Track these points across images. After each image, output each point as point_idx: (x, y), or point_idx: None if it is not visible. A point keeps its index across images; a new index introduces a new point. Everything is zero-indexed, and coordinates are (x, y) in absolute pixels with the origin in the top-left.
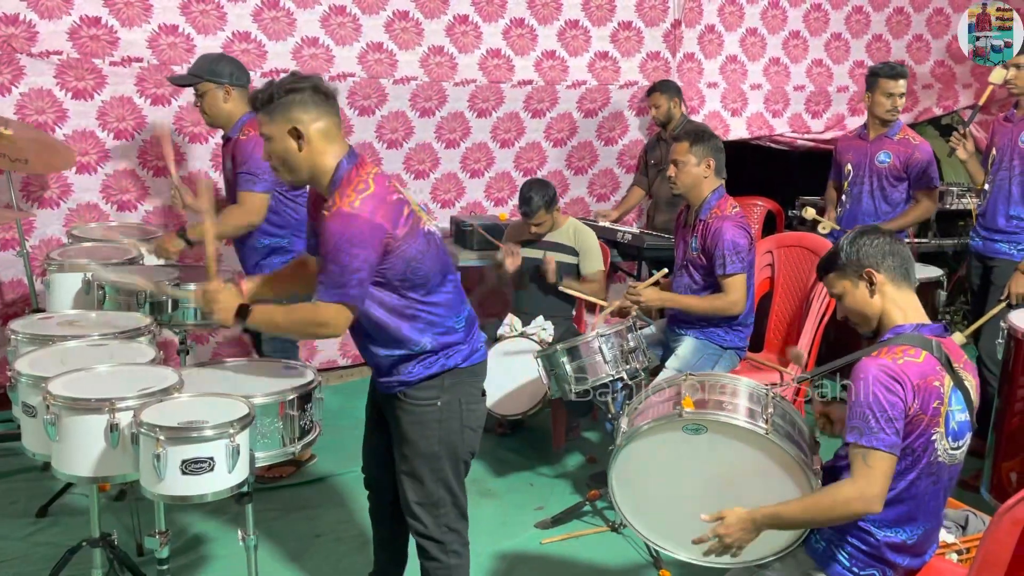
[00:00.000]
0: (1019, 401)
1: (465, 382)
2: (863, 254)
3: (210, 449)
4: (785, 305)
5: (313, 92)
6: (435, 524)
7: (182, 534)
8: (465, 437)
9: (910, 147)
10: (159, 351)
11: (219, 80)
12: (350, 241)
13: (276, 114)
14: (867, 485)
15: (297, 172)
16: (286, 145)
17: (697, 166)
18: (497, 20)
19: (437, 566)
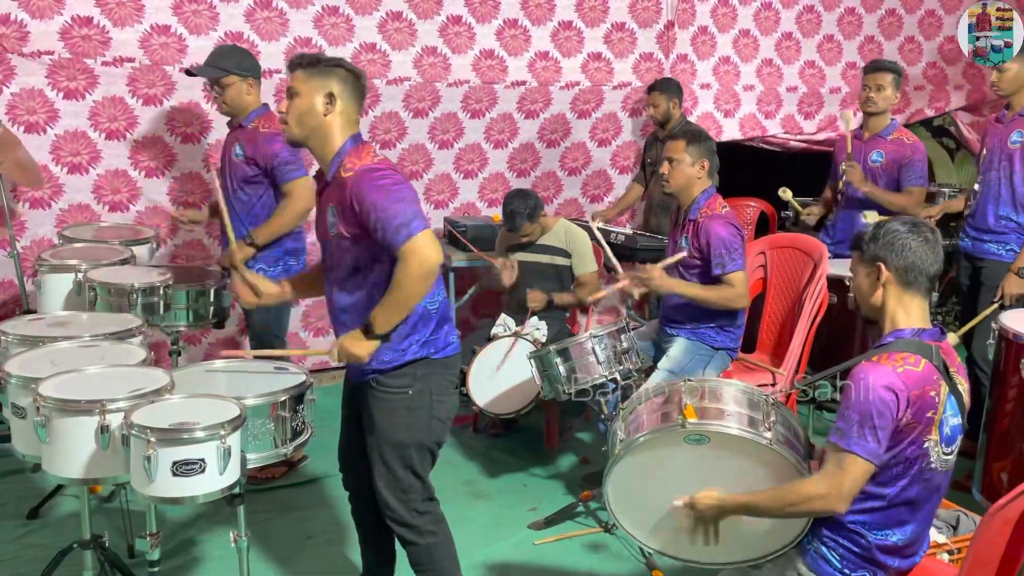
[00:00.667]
0: (1010, 402)
1: (437, 373)
2: (882, 245)
3: (201, 451)
4: (777, 306)
5: (355, 79)
6: (405, 509)
7: (174, 535)
8: (432, 427)
9: (904, 146)
10: (150, 352)
11: (245, 73)
12: (392, 180)
13: (318, 76)
14: (835, 486)
15: (305, 129)
16: (313, 103)
17: (691, 166)
18: (491, 21)
19: (416, 549)
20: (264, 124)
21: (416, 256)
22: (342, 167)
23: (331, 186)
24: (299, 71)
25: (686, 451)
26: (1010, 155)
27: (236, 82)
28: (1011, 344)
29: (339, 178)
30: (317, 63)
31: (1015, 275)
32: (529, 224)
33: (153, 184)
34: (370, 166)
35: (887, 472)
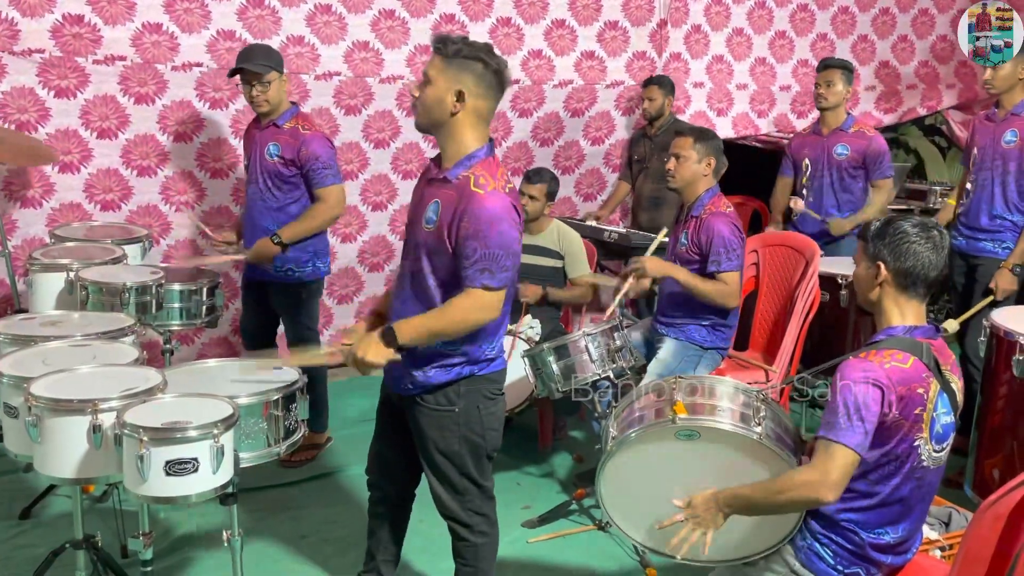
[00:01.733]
0: (1001, 399)
1: (481, 389)
2: (886, 244)
3: (194, 450)
4: (770, 304)
5: (495, 74)
6: (461, 509)
7: (167, 535)
8: (487, 438)
9: (865, 139)
10: (143, 351)
11: (282, 70)
12: (509, 224)
13: (454, 68)
14: (824, 473)
15: (430, 120)
16: (443, 97)
17: (698, 163)
18: (484, 19)
19: (464, 545)
20: (303, 124)
21: (477, 305)
22: (473, 178)
23: (447, 184)
24: (438, 58)
25: (677, 447)
26: (1004, 155)
27: (277, 79)
28: (1002, 341)
29: (464, 186)
30: (458, 53)
31: (1008, 271)
32: (546, 187)
33: (144, 184)
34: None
35: (879, 471)
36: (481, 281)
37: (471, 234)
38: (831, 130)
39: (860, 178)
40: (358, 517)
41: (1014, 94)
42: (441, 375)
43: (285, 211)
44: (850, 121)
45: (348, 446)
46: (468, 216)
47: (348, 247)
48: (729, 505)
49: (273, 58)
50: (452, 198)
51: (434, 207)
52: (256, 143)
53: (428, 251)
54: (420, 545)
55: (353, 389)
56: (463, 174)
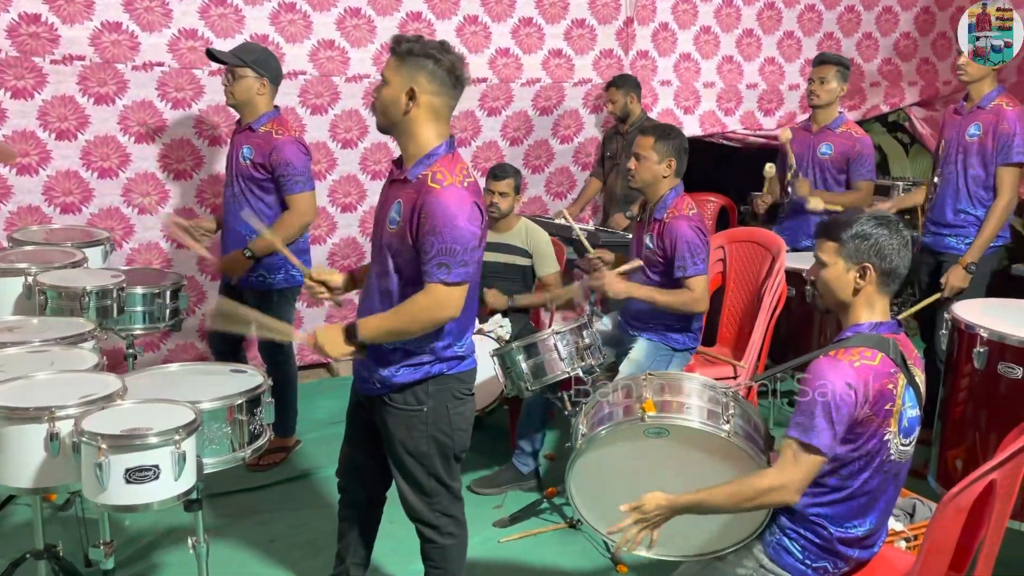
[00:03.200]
0: (963, 391)
1: (451, 388)
2: (871, 245)
3: (155, 457)
4: (737, 299)
5: (448, 71)
6: (429, 510)
7: (132, 542)
8: (455, 438)
9: (851, 139)
10: (103, 357)
11: (261, 72)
12: (469, 217)
13: (406, 67)
14: (789, 477)
15: (387, 120)
16: (397, 98)
17: (658, 164)
18: (450, 17)
19: (432, 547)
20: (277, 129)
21: (435, 301)
22: (431, 175)
23: (408, 184)
24: (392, 58)
25: (647, 445)
26: (966, 148)
27: (249, 77)
28: (963, 334)
29: (422, 184)
30: (409, 52)
31: (962, 268)
32: (512, 182)
33: (106, 185)
34: (458, 188)
35: (849, 467)
36: (438, 276)
37: (428, 230)
38: (820, 127)
39: (843, 179)
40: (327, 520)
41: (983, 85)
42: (409, 374)
43: (260, 215)
44: (840, 120)
45: (317, 449)
46: (425, 212)
47: (317, 249)
48: (687, 511)
49: (253, 55)
50: (412, 197)
51: (396, 208)
52: (234, 146)
53: (393, 252)
54: (389, 547)
55: (322, 391)
56: (422, 173)
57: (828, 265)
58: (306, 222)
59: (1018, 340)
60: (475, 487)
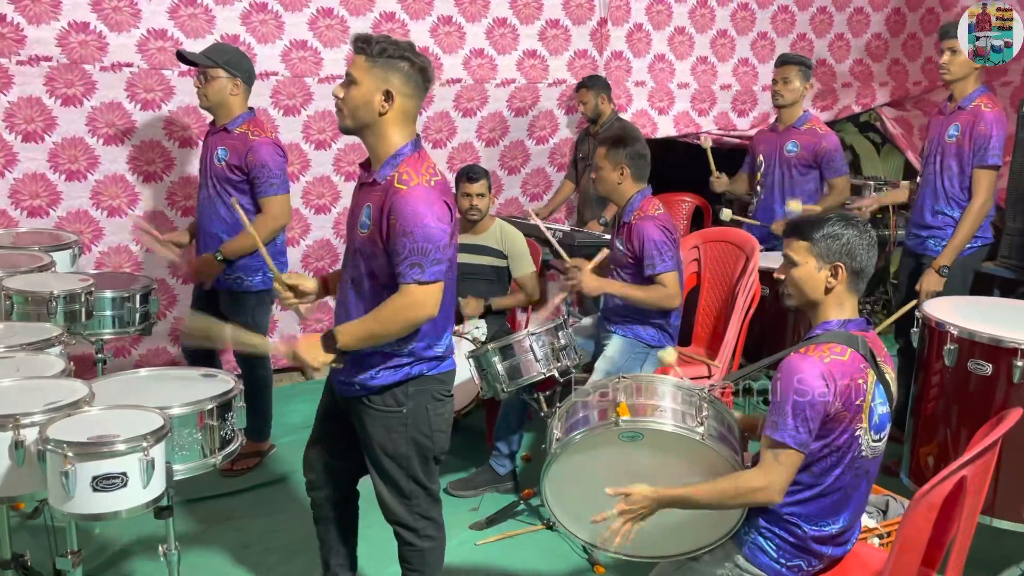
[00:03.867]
0: (934, 388)
1: (430, 389)
2: (842, 245)
3: (123, 464)
4: (712, 299)
5: (420, 72)
6: (407, 513)
7: (102, 551)
8: (435, 439)
9: (816, 136)
10: (70, 363)
11: (234, 72)
12: (439, 216)
13: (379, 67)
14: (772, 478)
15: (357, 122)
16: (371, 98)
17: (612, 172)
18: (424, 18)
19: (410, 549)
20: (253, 130)
21: (411, 302)
22: (397, 175)
23: (376, 187)
24: (362, 58)
25: (621, 448)
26: (945, 149)
27: (222, 78)
28: (934, 331)
29: (389, 186)
30: (382, 52)
31: (935, 272)
32: (486, 183)
33: (75, 188)
34: (425, 187)
35: (821, 463)
36: (412, 277)
37: (398, 231)
38: (785, 127)
39: (811, 178)
40: (302, 525)
41: (966, 84)
42: (389, 376)
43: (235, 217)
44: (804, 118)
45: (291, 453)
46: (394, 213)
47: (291, 251)
48: (672, 505)
49: (225, 56)
50: (380, 199)
51: (367, 211)
52: (208, 147)
53: (365, 256)
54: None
55: (296, 395)
56: (389, 174)
57: (799, 264)
58: (280, 225)
59: (987, 337)
60: (451, 489)
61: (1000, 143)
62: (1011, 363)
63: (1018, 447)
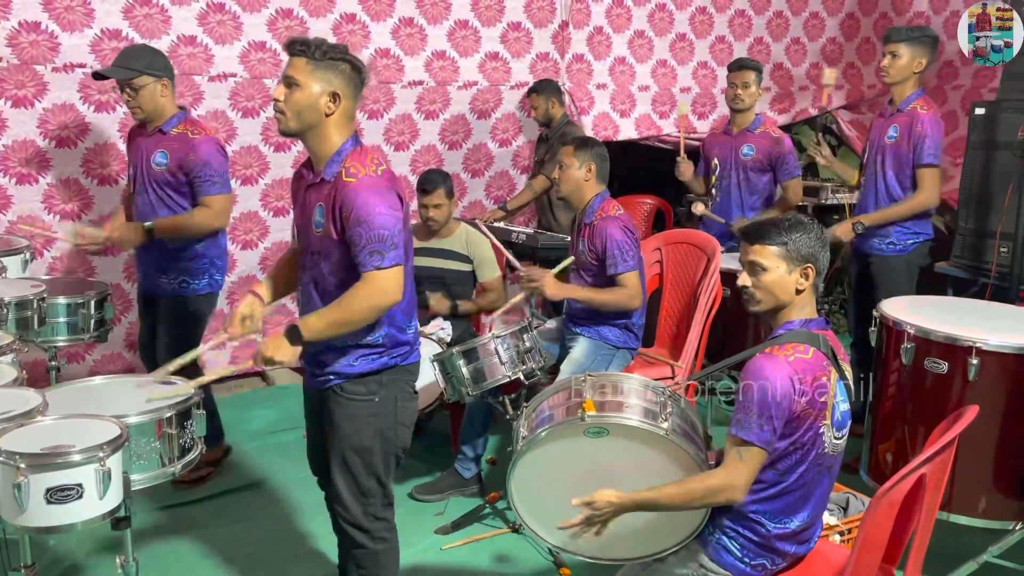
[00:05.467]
0: (891, 386)
1: (401, 379)
2: (811, 246)
3: (78, 475)
4: (674, 300)
5: (358, 73)
6: (363, 513)
7: (57, 564)
8: (399, 433)
9: (770, 139)
10: (23, 371)
11: (158, 73)
12: (389, 203)
13: (324, 71)
14: (735, 476)
15: (302, 124)
16: (316, 101)
17: (579, 169)
18: (385, 19)
19: (364, 553)
20: (192, 129)
21: (375, 288)
22: (344, 170)
23: (323, 184)
24: (303, 60)
25: (587, 444)
26: (884, 150)
27: (150, 83)
28: (891, 331)
29: (338, 181)
30: (324, 55)
31: (850, 224)
32: (444, 194)
33: (25, 192)
34: (372, 177)
35: (786, 460)
36: (373, 264)
37: (353, 222)
38: (740, 130)
39: (766, 180)
40: (265, 534)
41: (905, 87)
42: (365, 364)
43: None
44: (758, 122)
45: (253, 460)
46: (346, 206)
47: (249, 254)
48: (637, 508)
49: (143, 60)
50: (330, 195)
51: (319, 211)
52: (142, 151)
53: (324, 255)
54: None
55: (257, 401)
56: (336, 170)
57: (769, 269)
58: (218, 225)
59: (943, 336)
60: (416, 493)
61: (936, 143)
62: (966, 361)
63: (974, 444)
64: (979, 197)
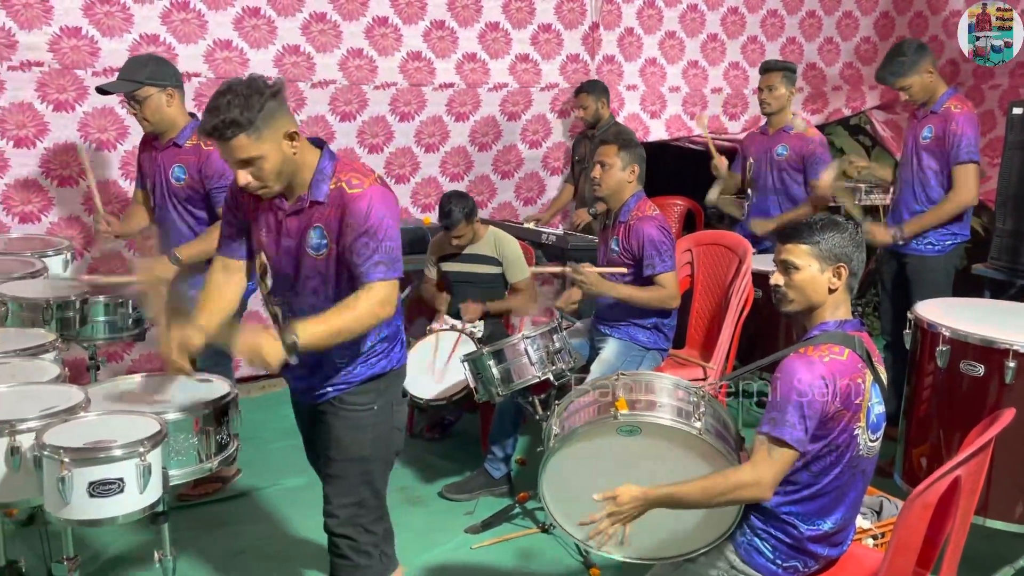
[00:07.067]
0: (926, 389)
1: (395, 384)
2: (843, 246)
3: (119, 469)
4: (705, 302)
5: (276, 95)
6: (352, 523)
7: (96, 558)
8: (394, 438)
9: (804, 139)
10: (65, 368)
11: (162, 83)
12: (391, 215)
13: (265, 129)
14: (763, 473)
15: (285, 177)
16: (283, 153)
17: (623, 171)
18: (417, 22)
19: (346, 564)
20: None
21: (380, 298)
22: (344, 183)
23: (316, 207)
24: (242, 136)
25: (619, 443)
26: (920, 150)
27: (154, 94)
28: (926, 333)
29: (339, 195)
30: (251, 121)
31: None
32: (465, 224)
33: (66, 194)
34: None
35: (820, 462)
36: (379, 275)
37: (361, 232)
38: (775, 130)
39: (801, 181)
40: (295, 530)
41: (936, 92)
42: (365, 371)
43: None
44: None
45: (281, 459)
46: (352, 217)
47: None
48: (661, 504)
49: (145, 71)
50: (331, 213)
51: (317, 233)
52: (159, 166)
53: (325, 276)
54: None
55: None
56: (331, 187)
57: (801, 268)
58: None
59: (979, 339)
60: (446, 492)
61: (971, 141)
62: (1003, 364)
63: (1010, 448)
64: (1017, 198)
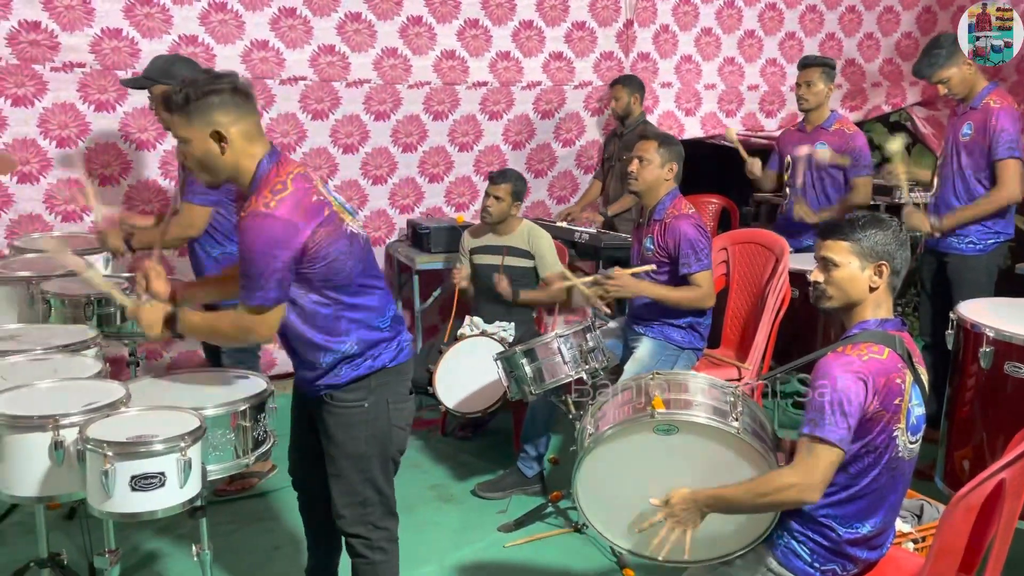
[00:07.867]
0: (969, 391)
1: (392, 382)
2: (885, 244)
3: (160, 464)
4: (741, 301)
5: (232, 92)
6: (361, 522)
7: (135, 551)
8: (393, 436)
9: (844, 136)
10: (106, 364)
11: (172, 82)
12: (267, 242)
13: (195, 117)
14: (808, 474)
15: (216, 174)
16: (207, 148)
17: (661, 167)
18: (451, 21)
19: (363, 562)
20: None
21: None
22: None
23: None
24: (178, 117)
25: (655, 442)
26: (960, 148)
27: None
28: (969, 333)
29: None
30: (186, 102)
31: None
32: (510, 187)
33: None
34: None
35: (858, 463)
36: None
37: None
38: (814, 127)
39: (840, 178)
40: None
41: (976, 86)
42: (350, 371)
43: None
44: (832, 119)
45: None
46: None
47: None
48: (709, 505)
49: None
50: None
51: None
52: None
53: None
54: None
55: None
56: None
57: (841, 265)
58: (187, 235)
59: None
60: (479, 491)
61: (1011, 136)
62: None
63: None
64: None
